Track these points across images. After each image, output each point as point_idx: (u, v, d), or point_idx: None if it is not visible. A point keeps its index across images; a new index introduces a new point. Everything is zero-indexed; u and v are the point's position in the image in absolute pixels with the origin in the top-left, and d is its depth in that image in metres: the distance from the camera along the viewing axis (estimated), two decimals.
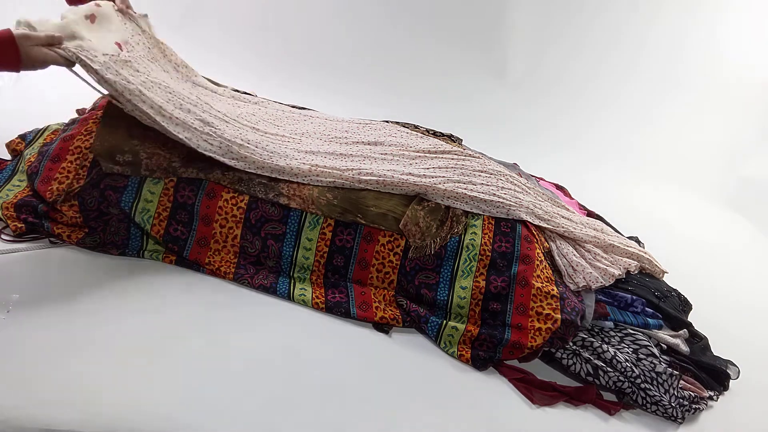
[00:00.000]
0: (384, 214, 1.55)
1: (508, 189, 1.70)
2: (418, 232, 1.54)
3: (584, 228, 1.76)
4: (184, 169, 1.51)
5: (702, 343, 1.71)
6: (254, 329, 1.39)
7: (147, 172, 1.49)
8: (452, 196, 1.62)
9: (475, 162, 1.76)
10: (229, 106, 1.82)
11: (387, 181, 1.60)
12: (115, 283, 1.41)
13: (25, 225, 1.47)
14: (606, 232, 1.83)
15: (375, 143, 1.80)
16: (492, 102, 3.39)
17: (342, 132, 1.85)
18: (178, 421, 1.11)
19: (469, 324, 1.51)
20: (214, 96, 1.85)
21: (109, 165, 1.47)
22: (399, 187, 1.61)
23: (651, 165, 3.29)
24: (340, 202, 1.55)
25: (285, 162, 1.56)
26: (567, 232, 1.69)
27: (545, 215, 1.69)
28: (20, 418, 1.04)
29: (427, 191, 1.61)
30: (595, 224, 1.85)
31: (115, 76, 1.38)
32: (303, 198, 1.54)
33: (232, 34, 3.27)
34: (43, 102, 2.08)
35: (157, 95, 1.47)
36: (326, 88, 3.12)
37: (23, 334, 1.20)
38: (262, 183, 1.55)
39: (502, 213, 1.62)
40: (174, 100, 1.51)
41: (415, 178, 1.61)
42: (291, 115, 1.92)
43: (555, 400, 1.40)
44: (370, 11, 3.39)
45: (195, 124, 1.49)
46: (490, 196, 1.63)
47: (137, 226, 1.51)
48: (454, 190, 1.61)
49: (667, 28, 3.36)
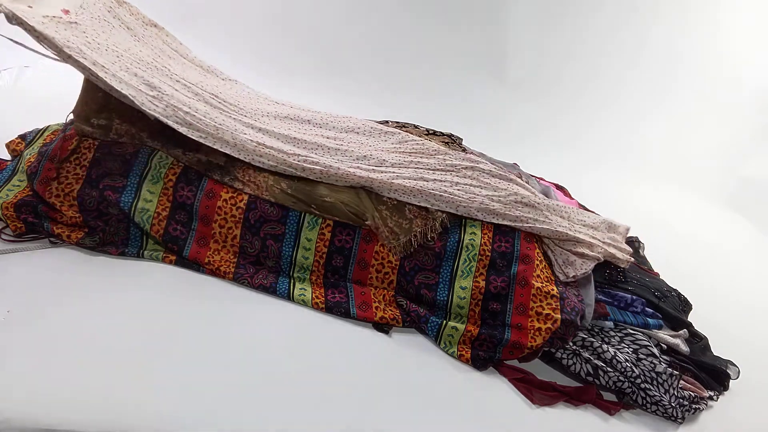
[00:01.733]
0: (336, 205, 1.54)
1: (464, 185, 1.64)
2: (391, 233, 1.53)
3: (554, 224, 1.65)
4: (150, 140, 1.55)
5: (702, 343, 1.71)
6: (254, 329, 1.38)
7: (115, 136, 1.55)
8: (399, 190, 1.58)
9: (434, 160, 1.71)
10: (196, 74, 1.79)
11: (331, 172, 1.57)
12: (115, 283, 1.41)
13: (25, 225, 1.47)
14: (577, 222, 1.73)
15: (337, 135, 1.77)
16: (492, 102, 3.39)
17: (306, 119, 1.81)
18: (177, 421, 1.11)
19: (469, 324, 1.51)
20: (183, 63, 1.82)
21: (83, 126, 1.54)
22: (344, 179, 1.58)
23: (651, 165, 3.29)
24: (294, 191, 1.55)
25: (231, 136, 1.53)
26: (531, 228, 1.62)
27: (501, 209, 1.62)
28: (20, 418, 1.04)
29: (373, 184, 1.58)
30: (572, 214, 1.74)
31: (54, 33, 1.36)
32: (257, 184, 1.55)
33: (232, 34, 3.27)
34: (43, 102, 2.08)
35: (102, 56, 1.45)
36: (327, 87, 3.11)
37: (23, 334, 1.20)
38: (219, 166, 1.55)
39: (451, 208, 1.59)
40: (121, 62, 1.49)
41: (362, 172, 1.59)
42: (261, 99, 1.88)
43: (555, 400, 1.40)
44: (370, 12, 3.38)
45: (141, 87, 1.48)
46: (441, 192, 1.58)
47: (137, 226, 1.51)
48: (402, 185, 1.58)
49: (667, 29, 3.36)
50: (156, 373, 1.20)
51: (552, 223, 1.62)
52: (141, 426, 1.09)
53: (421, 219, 1.57)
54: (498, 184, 1.65)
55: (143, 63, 1.55)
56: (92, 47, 1.45)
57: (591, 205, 2.30)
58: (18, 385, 1.10)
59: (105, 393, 1.12)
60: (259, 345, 1.34)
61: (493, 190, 1.61)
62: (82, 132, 1.55)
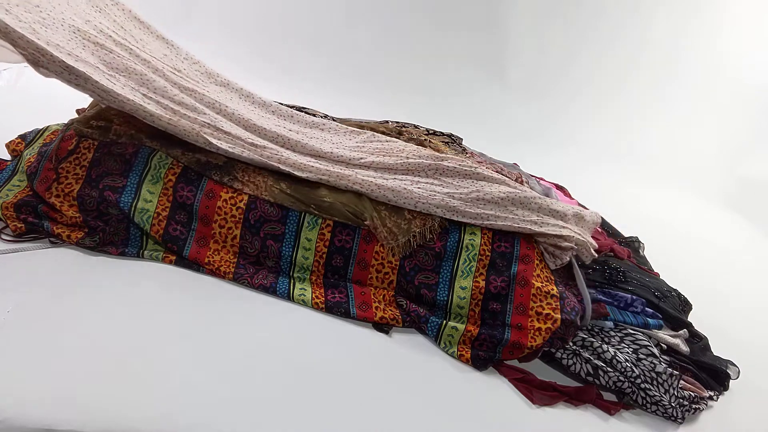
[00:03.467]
0: (335, 205, 1.54)
1: (425, 183, 1.63)
2: (390, 233, 1.53)
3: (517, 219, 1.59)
4: (149, 141, 1.55)
5: (702, 343, 1.71)
6: (254, 329, 1.38)
7: (114, 136, 1.55)
8: (358, 183, 1.57)
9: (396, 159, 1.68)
10: (159, 47, 1.76)
11: (290, 161, 1.57)
12: (115, 283, 1.41)
13: (25, 225, 1.47)
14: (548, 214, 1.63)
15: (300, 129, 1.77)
16: (492, 102, 3.39)
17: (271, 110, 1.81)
18: (177, 421, 1.11)
19: (469, 324, 1.51)
20: (144, 35, 1.78)
21: (82, 129, 1.55)
22: (302, 170, 1.58)
23: (651, 165, 3.29)
24: (293, 191, 1.55)
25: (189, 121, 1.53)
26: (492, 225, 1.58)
27: (461, 207, 1.57)
28: (20, 418, 1.04)
29: (330, 177, 1.58)
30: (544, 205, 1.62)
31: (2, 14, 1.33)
32: (256, 184, 1.55)
33: (232, 34, 3.27)
34: (43, 102, 2.08)
35: (57, 33, 1.43)
36: (327, 87, 3.12)
37: (23, 334, 1.20)
38: (218, 166, 1.56)
39: (410, 205, 1.57)
40: (77, 39, 1.47)
41: (320, 164, 1.59)
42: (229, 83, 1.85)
43: (555, 400, 1.40)
44: (370, 12, 3.38)
45: (98, 64, 1.47)
46: (400, 189, 1.57)
47: (137, 226, 1.51)
48: (360, 179, 1.58)
49: (667, 29, 3.36)
50: (156, 373, 1.20)
51: (516, 219, 1.57)
52: (141, 426, 1.09)
53: (420, 219, 1.57)
54: (460, 182, 1.63)
55: (99, 42, 1.51)
56: (46, 23, 1.42)
57: (591, 205, 2.30)
58: (18, 385, 1.10)
59: (105, 393, 1.12)
60: (259, 345, 1.34)
61: (455, 188, 1.60)
62: (81, 133, 1.55)
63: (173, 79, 1.62)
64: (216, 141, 1.54)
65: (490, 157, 2.12)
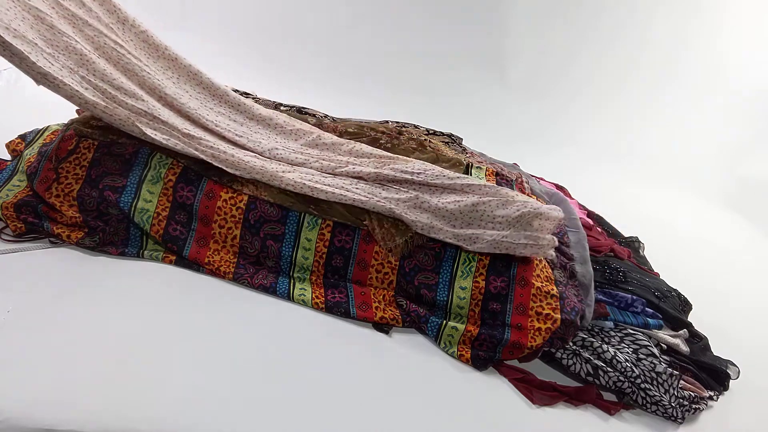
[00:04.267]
0: (333, 205, 1.54)
1: (362, 187, 1.58)
2: (387, 234, 1.53)
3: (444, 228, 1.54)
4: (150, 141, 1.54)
5: (702, 343, 1.71)
6: (254, 329, 1.38)
7: (114, 136, 1.54)
8: (290, 184, 1.54)
9: (338, 165, 1.65)
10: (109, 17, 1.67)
11: (223, 157, 1.54)
12: (115, 283, 1.41)
13: (25, 225, 1.47)
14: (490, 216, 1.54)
15: (245, 121, 1.72)
16: (492, 102, 3.39)
17: (218, 95, 1.75)
18: (177, 421, 1.11)
19: (469, 324, 1.51)
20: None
21: (82, 129, 1.55)
22: (233, 167, 1.54)
23: (651, 165, 3.29)
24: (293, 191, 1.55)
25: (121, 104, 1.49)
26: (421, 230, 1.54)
27: (398, 211, 1.52)
28: (20, 418, 1.04)
29: (263, 177, 1.55)
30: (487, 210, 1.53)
31: None
32: (256, 185, 1.55)
33: (232, 34, 3.27)
34: (43, 102, 2.08)
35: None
36: (327, 87, 3.12)
37: (23, 334, 1.21)
38: (218, 168, 1.54)
39: (355, 204, 1.55)
40: (16, 9, 1.40)
41: (255, 161, 1.56)
42: (168, 63, 1.74)
43: (555, 400, 1.40)
44: (370, 12, 3.38)
45: (37, 40, 1.41)
46: (333, 191, 1.54)
47: (136, 226, 1.51)
48: (297, 181, 1.54)
49: (667, 29, 3.36)
50: (156, 373, 1.20)
51: (441, 231, 1.53)
52: (141, 426, 1.09)
53: None
54: (398, 188, 1.58)
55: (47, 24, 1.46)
56: None
57: (591, 205, 2.30)
58: (18, 385, 1.10)
59: (105, 393, 1.12)
60: (259, 345, 1.34)
61: (395, 192, 1.57)
62: (81, 133, 1.55)
63: (115, 57, 1.55)
64: (150, 131, 1.50)
65: (490, 157, 2.12)
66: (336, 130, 1.85)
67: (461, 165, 1.77)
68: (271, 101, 2.00)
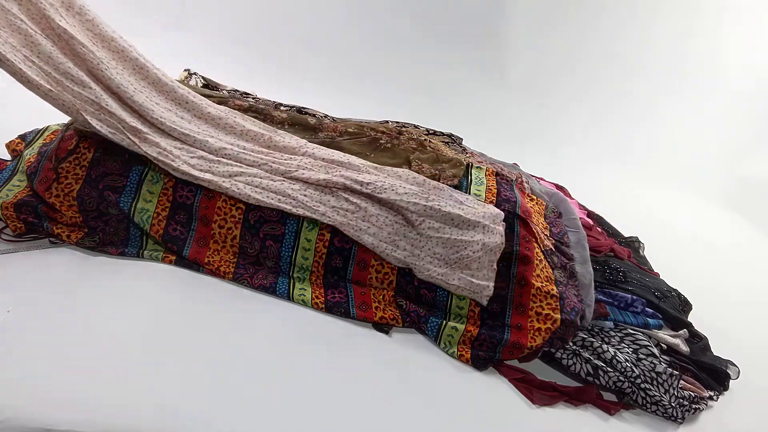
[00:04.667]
0: None
1: (311, 196, 1.54)
2: None
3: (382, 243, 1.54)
4: None
5: (702, 343, 1.71)
6: (254, 329, 1.38)
7: None
8: (230, 189, 1.50)
9: (289, 170, 1.60)
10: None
11: (166, 161, 1.48)
12: (115, 283, 1.41)
13: (25, 225, 1.47)
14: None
15: (192, 119, 1.66)
16: (492, 102, 3.39)
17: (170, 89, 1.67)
18: (177, 421, 1.11)
19: (469, 324, 1.51)
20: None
21: (82, 128, 1.53)
22: (175, 171, 1.49)
23: (651, 165, 3.29)
24: None
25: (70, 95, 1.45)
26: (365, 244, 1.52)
27: (342, 221, 1.51)
28: (20, 418, 1.04)
29: (211, 183, 1.50)
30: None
31: None
32: None
33: (232, 34, 3.27)
34: (43, 102, 2.08)
35: None
36: (327, 87, 3.12)
37: (23, 334, 1.20)
38: None
39: (307, 212, 1.52)
40: None
41: (195, 171, 1.51)
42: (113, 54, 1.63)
43: (555, 400, 1.40)
44: (371, 12, 3.39)
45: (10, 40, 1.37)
46: (285, 199, 1.52)
47: (136, 226, 1.51)
48: (245, 191, 1.51)
49: (667, 29, 3.37)
50: (156, 373, 1.20)
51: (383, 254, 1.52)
52: (141, 426, 1.09)
53: None
54: (347, 196, 1.54)
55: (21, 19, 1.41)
56: None
57: (591, 205, 2.30)
58: (18, 385, 1.10)
59: (105, 393, 1.12)
60: (259, 345, 1.34)
61: (345, 201, 1.53)
62: (81, 133, 1.55)
63: (63, 41, 1.48)
64: (96, 122, 1.45)
65: (490, 157, 2.12)
66: (336, 129, 1.85)
67: (461, 165, 1.77)
68: (271, 101, 2.00)
